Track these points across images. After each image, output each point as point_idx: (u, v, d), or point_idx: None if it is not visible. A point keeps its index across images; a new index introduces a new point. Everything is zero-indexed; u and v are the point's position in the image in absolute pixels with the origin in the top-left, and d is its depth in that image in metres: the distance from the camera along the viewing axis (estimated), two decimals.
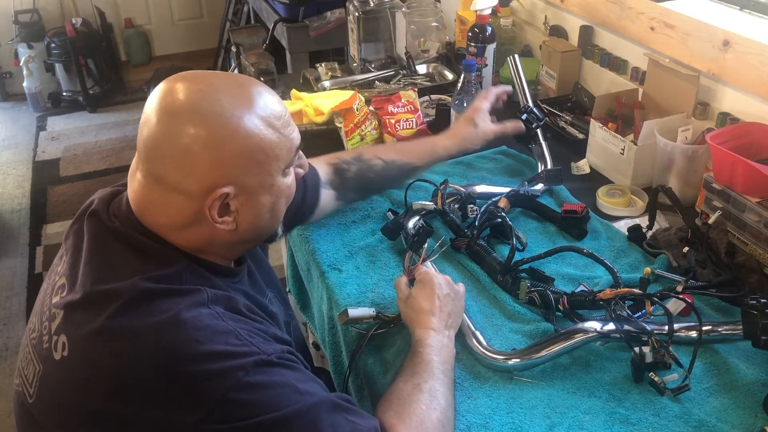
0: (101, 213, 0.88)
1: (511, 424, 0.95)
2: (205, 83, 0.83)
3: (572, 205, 1.36)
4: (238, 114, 0.82)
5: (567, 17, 1.91)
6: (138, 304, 0.79)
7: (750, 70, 1.33)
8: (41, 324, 0.86)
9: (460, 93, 1.60)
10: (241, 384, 0.76)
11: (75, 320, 0.81)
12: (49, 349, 0.82)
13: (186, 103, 0.81)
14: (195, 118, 0.80)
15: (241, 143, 0.82)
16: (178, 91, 0.82)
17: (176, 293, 0.80)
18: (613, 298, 1.04)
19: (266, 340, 0.83)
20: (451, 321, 1.05)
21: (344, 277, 1.25)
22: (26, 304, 2.73)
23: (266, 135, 0.84)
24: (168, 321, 0.77)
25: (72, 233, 0.91)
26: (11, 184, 3.58)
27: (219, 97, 0.82)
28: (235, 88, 0.84)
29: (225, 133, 0.81)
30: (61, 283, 0.87)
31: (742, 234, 1.20)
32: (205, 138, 0.80)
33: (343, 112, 1.62)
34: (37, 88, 4.26)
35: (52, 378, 0.81)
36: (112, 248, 0.85)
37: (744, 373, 1.01)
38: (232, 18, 4.18)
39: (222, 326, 0.80)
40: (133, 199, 0.86)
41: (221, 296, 0.84)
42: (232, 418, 0.75)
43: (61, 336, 0.81)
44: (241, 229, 0.87)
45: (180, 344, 0.76)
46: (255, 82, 0.88)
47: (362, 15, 2.08)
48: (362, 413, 0.85)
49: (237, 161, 0.82)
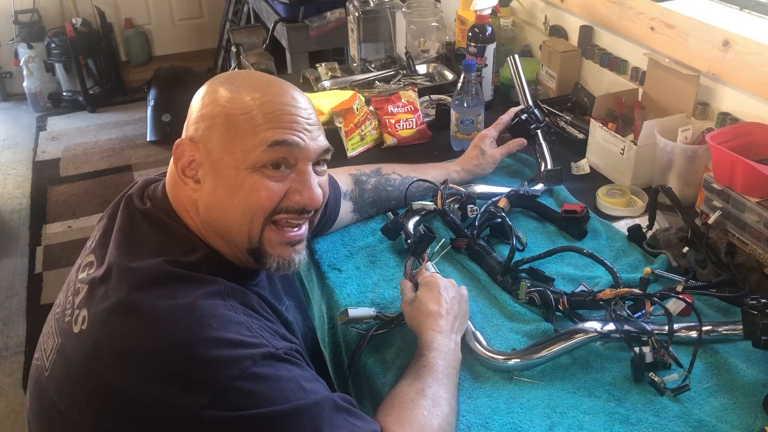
0: (135, 196, 0.92)
1: (511, 424, 0.95)
2: (249, 71, 0.96)
3: (572, 205, 1.36)
4: (233, 88, 0.88)
5: (567, 17, 1.91)
6: (158, 285, 0.81)
7: (750, 70, 1.33)
8: (66, 299, 0.89)
9: (460, 93, 1.60)
10: (248, 373, 0.76)
11: (97, 295, 0.83)
12: (70, 323, 0.84)
13: (231, 75, 0.92)
14: (210, 86, 0.90)
15: (215, 109, 0.87)
16: (235, 72, 0.93)
17: (195, 281, 0.83)
18: (613, 298, 1.04)
19: (275, 337, 0.84)
20: (457, 324, 1.05)
21: (344, 277, 1.25)
22: (26, 304, 2.73)
23: (238, 114, 0.86)
24: (184, 306, 0.79)
25: (107, 215, 0.95)
26: (11, 184, 3.58)
27: (239, 76, 0.93)
28: (260, 77, 0.93)
29: (211, 98, 0.88)
30: (89, 260, 0.90)
31: (742, 234, 1.20)
32: (200, 98, 0.89)
33: (343, 112, 1.62)
34: (37, 88, 4.26)
35: (68, 351, 0.83)
36: (141, 228, 0.88)
37: (744, 373, 1.01)
38: (232, 18, 4.19)
39: (235, 317, 0.81)
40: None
41: (237, 290, 0.86)
42: (234, 406, 0.75)
43: (83, 310, 0.83)
44: (205, 202, 0.88)
45: (193, 328, 0.77)
46: (288, 85, 0.92)
47: (362, 15, 2.08)
48: (363, 416, 0.85)
49: (206, 122, 0.87)
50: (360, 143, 1.66)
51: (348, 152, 1.63)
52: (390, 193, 1.35)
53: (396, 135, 1.67)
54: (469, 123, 1.60)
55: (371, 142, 1.68)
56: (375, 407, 0.95)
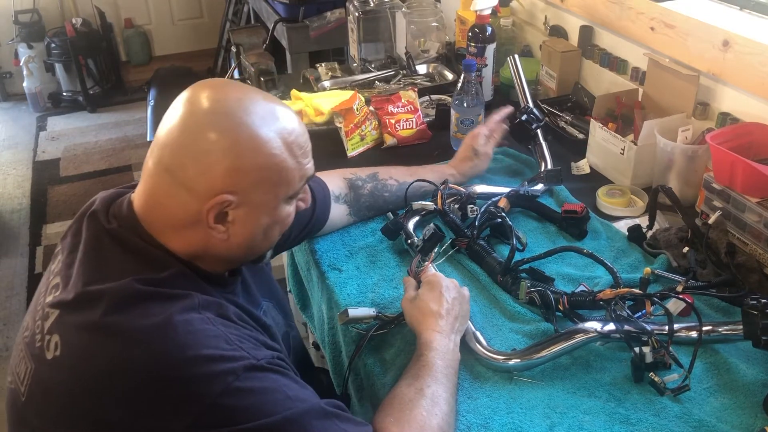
0: (100, 214, 0.88)
1: (511, 424, 0.95)
2: (243, 93, 0.86)
3: (572, 205, 1.36)
4: (266, 131, 0.84)
5: (567, 17, 1.91)
6: (130, 305, 0.79)
7: (750, 70, 1.33)
8: (34, 323, 0.86)
9: (460, 93, 1.59)
10: (231, 389, 0.75)
11: (68, 320, 0.81)
12: (42, 348, 0.82)
13: (220, 107, 0.83)
14: (225, 122, 0.82)
15: (260, 160, 0.83)
16: (214, 94, 0.84)
17: (167, 297, 0.81)
18: (613, 298, 1.04)
19: (256, 346, 0.83)
20: (458, 325, 1.05)
21: (344, 277, 1.25)
22: (26, 304, 2.73)
23: (285, 159, 0.85)
24: (159, 324, 0.77)
25: (70, 233, 0.91)
26: (11, 184, 3.58)
27: (254, 109, 0.84)
28: (269, 107, 0.87)
29: (250, 146, 0.83)
30: (55, 282, 0.87)
31: (742, 234, 1.20)
32: (229, 145, 0.82)
33: (343, 112, 1.62)
34: (37, 88, 4.26)
35: (44, 377, 0.81)
36: (108, 249, 0.85)
37: (744, 373, 1.01)
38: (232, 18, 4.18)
39: (212, 330, 0.80)
40: (138, 192, 0.87)
41: (212, 302, 0.84)
42: (220, 423, 0.74)
43: (54, 335, 0.81)
44: (233, 242, 0.87)
45: (170, 348, 0.76)
46: (287, 106, 0.90)
47: (362, 15, 2.08)
48: (354, 420, 0.85)
49: (251, 175, 0.83)
50: (360, 143, 1.66)
51: (348, 152, 1.63)
52: (387, 198, 1.36)
53: (396, 135, 1.67)
54: (469, 123, 1.60)
55: (371, 142, 1.68)
56: (375, 407, 0.95)
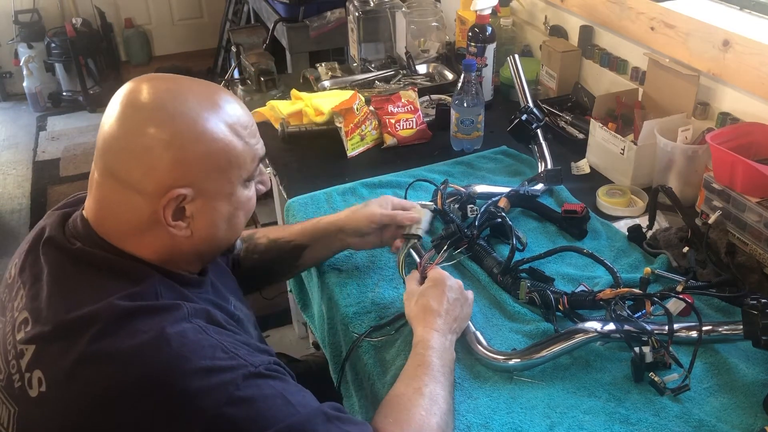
0: (57, 238, 0.84)
1: (511, 424, 0.95)
2: (174, 83, 0.83)
3: (572, 205, 1.36)
4: (205, 117, 0.81)
5: (567, 17, 1.91)
6: (118, 326, 0.76)
7: (750, 70, 1.33)
8: (7, 364, 0.81)
9: (460, 93, 1.59)
10: (233, 399, 0.74)
11: (51, 352, 0.77)
12: (23, 388, 0.78)
13: (153, 101, 0.80)
14: (161, 115, 0.79)
15: (204, 147, 0.81)
16: (146, 89, 0.81)
17: (155, 310, 0.78)
18: (613, 298, 1.04)
19: (251, 353, 0.81)
20: (456, 326, 1.05)
21: (344, 277, 1.25)
22: None
23: (231, 141, 0.83)
24: (152, 340, 0.75)
25: (27, 265, 0.86)
26: (11, 184, 3.58)
27: (187, 98, 0.82)
28: (204, 92, 0.84)
29: (190, 135, 0.80)
30: (22, 318, 0.82)
31: (742, 234, 1.20)
32: (169, 138, 0.79)
33: (343, 112, 1.62)
34: (37, 88, 4.26)
35: (32, 417, 0.78)
36: (77, 272, 0.81)
37: (744, 373, 1.01)
38: (232, 18, 4.18)
39: (207, 340, 0.78)
40: (89, 205, 0.85)
41: (200, 309, 0.82)
42: None
43: (35, 371, 0.77)
44: (197, 236, 0.85)
45: (167, 363, 0.74)
46: (223, 89, 0.87)
47: (362, 15, 2.08)
48: (355, 420, 0.85)
49: (198, 164, 0.81)
50: (360, 143, 1.66)
51: (348, 152, 1.63)
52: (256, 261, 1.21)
53: (396, 135, 1.67)
54: (469, 123, 1.60)
55: (371, 142, 1.68)
56: (375, 407, 0.95)
